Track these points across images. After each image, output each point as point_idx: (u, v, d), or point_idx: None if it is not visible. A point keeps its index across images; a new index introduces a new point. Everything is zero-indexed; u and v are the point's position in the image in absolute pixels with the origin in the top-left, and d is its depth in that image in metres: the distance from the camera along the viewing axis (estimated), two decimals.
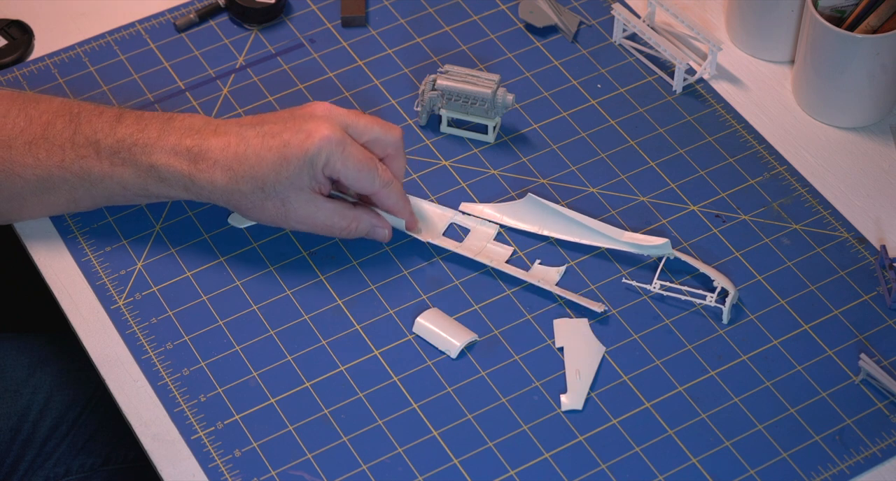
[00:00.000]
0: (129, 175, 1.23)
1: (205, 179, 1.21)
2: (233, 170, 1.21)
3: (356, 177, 1.22)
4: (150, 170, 1.22)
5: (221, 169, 1.21)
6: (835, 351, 1.22)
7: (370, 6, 1.47)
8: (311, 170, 1.21)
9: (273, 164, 1.20)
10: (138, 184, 1.23)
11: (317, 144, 1.20)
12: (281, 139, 1.20)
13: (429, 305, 1.25)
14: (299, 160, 1.20)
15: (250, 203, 1.22)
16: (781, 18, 1.39)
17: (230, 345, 1.23)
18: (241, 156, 1.21)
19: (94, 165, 1.23)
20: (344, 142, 1.21)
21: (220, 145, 1.21)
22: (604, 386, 1.21)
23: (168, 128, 1.23)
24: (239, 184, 1.21)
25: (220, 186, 1.21)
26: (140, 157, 1.22)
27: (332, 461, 1.17)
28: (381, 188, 1.24)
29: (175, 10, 1.46)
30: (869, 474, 1.16)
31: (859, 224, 1.30)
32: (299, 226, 1.24)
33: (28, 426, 1.38)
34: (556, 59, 1.43)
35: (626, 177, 1.34)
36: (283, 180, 1.21)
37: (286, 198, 1.22)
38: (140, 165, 1.22)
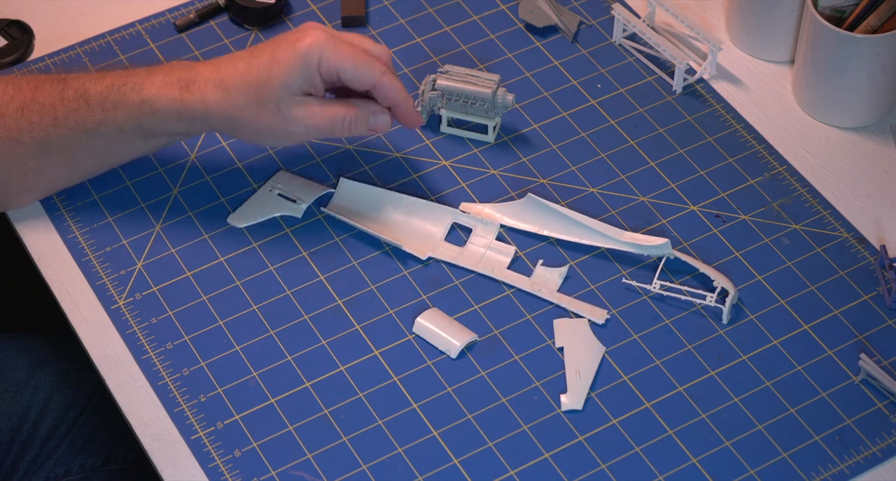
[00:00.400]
0: (122, 116, 1.23)
1: (196, 100, 1.21)
2: (224, 83, 1.20)
3: (354, 68, 1.21)
4: (141, 106, 1.22)
5: (213, 86, 1.21)
6: (835, 351, 1.22)
7: (370, 6, 1.47)
8: (304, 70, 1.20)
9: (264, 68, 1.20)
10: (132, 123, 1.23)
11: (307, 43, 1.20)
12: (271, 47, 1.21)
13: (429, 305, 1.25)
14: (290, 59, 1.20)
15: (245, 117, 1.21)
16: (781, 18, 1.39)
17: (230, 345, 1.23)
18: (231, 71, 1.21)
19: (87, 116, 1.23)
20: (334, 40, 1.21)
21: (210, 68, 1.22)
22: (604, 386, 1.21)
23: (154, 69, 1.24)
24: (232, 97, 1.20)
25: (213, 103, 1.21)
26: (130, 96, 1.22)
27: (332, 461, 1.17)
28: (382, 76, 1.23)
29: (175, 10, 1.46)
30: (869, 474, 1.16)
31: (859, 224, 1.30)
32: (300, 131, 1.23)
33: (28, 426, 1.38)
34: (556, 59, 1.43)
35: (626, 177, 1.34)
36: (275, 83, 1.20)
37: (280, 102, 1.21)
38: (131, 104, 1.22)
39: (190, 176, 1.34)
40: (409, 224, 1.30)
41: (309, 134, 1.24)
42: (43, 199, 1.32)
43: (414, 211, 1.31)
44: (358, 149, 1.35)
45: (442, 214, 1.30)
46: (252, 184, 1.33)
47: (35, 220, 1.31)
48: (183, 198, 1.32)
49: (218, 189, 1.33)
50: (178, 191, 1.32)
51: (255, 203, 1.31)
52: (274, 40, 1.23)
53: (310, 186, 1.32)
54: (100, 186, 1.33)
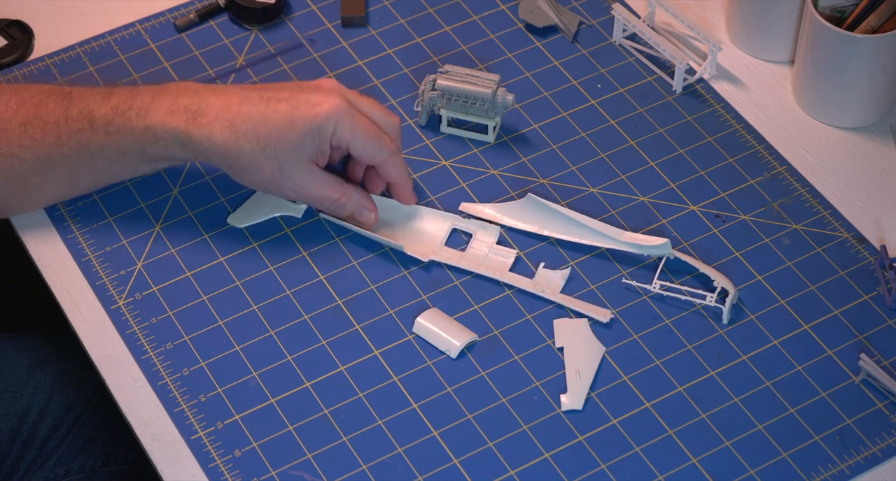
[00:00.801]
0: (126, 141, 1.23)
1: (202, 134, 1.21)
2: (235, 126, 1.20)
3: (364, 145, 1.23)
4: (145, 132, 1.22)
5: (222, 124, 1.21)
6: (835, 351, 1.22)
7: (370, 6, 1.47)
8: (317, 137, 1.21)
9: (279, 126, 1.20)
10: (135, 148, 1.23)
11: (326, 112, 1.21)
12: (289, 104, 1.21)
13: (429, 305, 1.25)
14: (307, 125, 1.20)
15: (247, 162, 1.21)
16: (781, 18, 1.39)
17: (230, 345, 1.23)
18: (244, 115, 1.20)
19: (91, 137, 1.23)
20: (352, 112, 1.22)
21: (222, 103, 1.21)
22: (604, 386, 1.21)
23: (161, 92, 1.23)
24: (240, 141, 1.20)
25: (219, 142, 1.21)
26: (135, 121, 1.22)
27: (332, 461, 1.17)
28: (389, 156, 1.25)
29: (175, 10, 1.46)
30: (869, 474, 1.16)
31: (859, 224, 1.30)
32: (291, 194, 1.24)
33: (28, 426, 1.38)
34: (556, 59, 1.43)
35: (626, 177, 1.34)
36: (286, 143, 1.21)
37: (285, 163, 1.21)
38: (135, 130, 1.22)
39: (190, 176, 1.34)
40: (409, 228, 1.30)
41: (297, 198, 1.25)
42: None
43: (413, 216, 1.30)
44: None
45: (442, 219, 1.30)
46: None
47: (35, 220, 1.31)
48: (183, 198, 1.32)
49: (218, 189, 1.33)
50: (178, 191, 1.32)
51: (255, 203, 1.31)
52: (292, 92, 1.22)
53: None
54: None
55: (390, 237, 1.29)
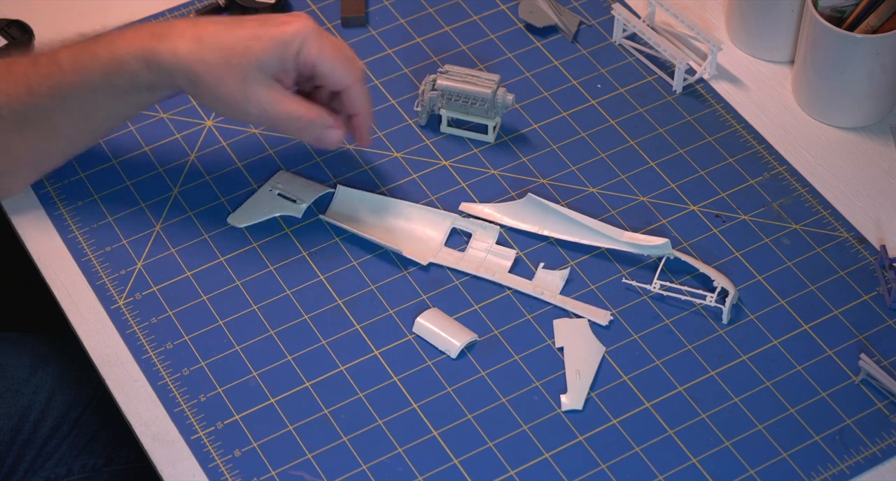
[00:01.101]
0: (95, 76, 1.21)
1: (167, 49, 1.19)
2: (200, 39, 1.19)
3: (332, 65, 1.21)
4: (112, 62, 1.20)
5: (188, 38, 1.19)
6: (835, 351, 1.22)
7: (370, 6, 1.47)
8: (282, 53, 1.19)
9: (244, 39, 1.19)
10: (103, 81, 1.22)
11: (294, 29, 1.19)
12: (257, 22, 1.20)
13: (429, 305, 1.25)
14: (272, 39, 1.19)
15: (210, 77, 1.19)
16: (781, 18, 1.39)
17: (230, 345, 1.23)
18: (210, 29, 1.19)
19: (60, 80, 1.22)
20: (320, 32, 1.21)
21: (188, 23, 1.20)
22: (604, 386, 1.21)
23: (127, 27, 1.22)
24: (204, 52, 1.19)
25: (184, 54, 1.19)
26: (101, 53, 1.20)
27: (332, 461, 1.17)
28: (357, 81, 1.23)
29: (175, 10, 1.46)
30: (869, 474, 1.16)
31: (859, 224, 1.30)
32: (255, 113, 1.21)
33: (29, 426, 1.38)
34: (556, 59, 1.43)
35: (626, 177, 1.34)
36: (251, 56, 1.19)
37: (248, 76, 1.19)
38: (102, 61, 1.20)
39: (190, 176, 1.34)
40: (408, 230, 1.30)
41: (261, 120, 1.22)
42: (43, 199, 1.32)
43: (413, 216, 1.30)
44: (358, 149, 1.36)
45: (441, 219, 1.30)
46: (252, 184, 1.33)
47: (35, 220, 1.31)
48: (183, 198, 1.32)
49: (218, 189, 1.33)
50: (178, 191, 1.32)
51: (255, 203, 1.31)
52: (261, 17, 1.22)
53: (310, 186, 1.32)
54: (100, 186, 1.33)
55: (389, 238, 1.29)
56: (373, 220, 1.31)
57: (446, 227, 1.30)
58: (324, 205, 1.32)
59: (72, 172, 1.34)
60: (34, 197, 1.32)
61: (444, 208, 1.31)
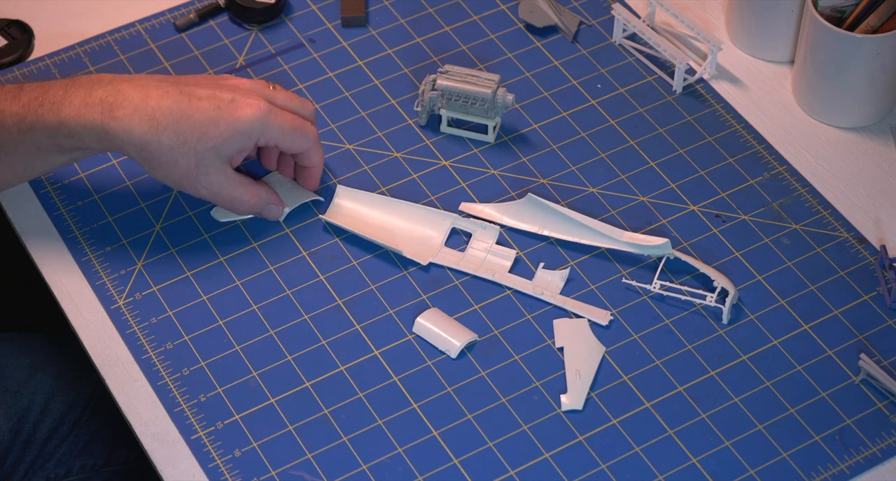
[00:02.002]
0: (40, 137, 1.21)
1: (120, 127, 1.19)
2: (155, 120, 1.19)
3: (293, 139, 1.24)
4: (59, 127, 1.20)
5: (141, 117, 1.19)
6: (835, 351, 1.22)
7: (370, 6, 1.47)
8: (242, 140, 1.21)
9: (201, 124, 1.20)
10: (49, 142, 1.22)
11: (251, 116, 1.21)
12: (210, 103, 1.20)
13: (429, 305, 1.25)
14: (230, 128, 1.20)
15: (165, 157, 1.20)
16: (781, 18, 1.39)
17: (230, 345, 1.23)
18: (164, 109, 1.19)
19: (4, 137, 1.22)
20: (275, 111, 1.23)
21: (139, 96, 1.20)
22: (604, 386, 1.21)
23: (73, 84, 1.21)
24: (160, 135, 1.19)
25: (138, 135, 1.19)
26: (48, 117, 1.20)
27: (332, 461, 1.17)
28: (313, 144, 1.26)
29: (175, 10, 1.46)
30: (869, 474, 1.16)
31: (859, 224, 1.30)
32: (203, 192, 1.24)
33: (29, 426, 1.38)
34: (556, 59, 1.43)
35: (626, 177, 1.34)
36: (207, 142, 1.20)
37: (202, 160, 1.21)
38: (49, 125, 1.20)
39: None
40: (408, 229, 1.30)
41: (207, 197, 1.25)
42: (43, 199, 1.32)
43: (412, 216, 1.30)
44: (358, 149, 1.36)
45: (441, 219, 1.30)
46: None
47: (35, 220, 1.31)
48: (183, 199, 1.32)
49: None
50: (178, 191, 1.32)
51: None
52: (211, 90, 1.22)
53: (298, 191, 1.31)
54: (100, 186, 1.33)
55: (389, 239, 1.29)
56: (373, 220, 1.31)
57: (446, 227, 1.30)
58: (321, 208, 1.31)
59: (72, 172, 1.34)
60: (34, 197, 1.32)
61: (444, 208, 1.31)
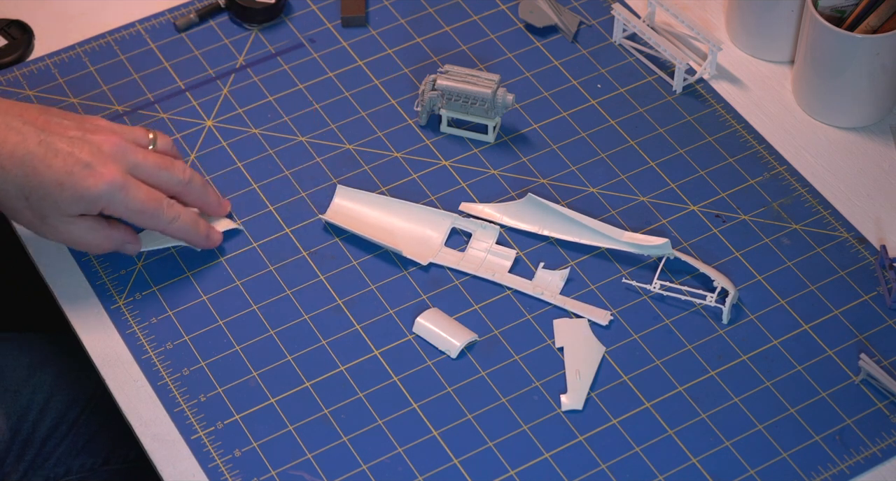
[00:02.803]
0: None
1: None
2: (4, 169, 1.17)
3: (140, 219, 1.21)
4: None
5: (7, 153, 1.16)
6: (835, 351, 1.22)
7: (370, 6, 1.47)
8: (87, 205, 1.19)
9: (47, 185, 1.17)
10: None
11: (98, 188, 1.17)
12: (65, 163, 1.17)
13: (429, 305, 1.25)
14: (75, 195, 1.17)
15: (9, 204, 1.19)
16: (781, 18, 1.39)
17: (230, 345, 1.23)
18: (17, 158, 1.16)
19: None
20: (127, 187, 1.19)
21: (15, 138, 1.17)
22: (604, 386, 1.21)
23: None
24: (6, 183, 1.17)
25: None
26: None
27: (332, 461, 1.17)
28: (168, 224, 1.22)
29: (175, 10, 1.46)
30: (869, 474, 1.16)
31: (859, 224, 1.30)
32: (54, 239, 1.22)
33: (28, 426, 1.38)
34: (556, 59, 1.43)
35: (626, 177, 1.34)
36: (50, 201, 1.18)
37: (46, 217, 1.19)
38: None
39: None
40: (408, 229, 1.30)
41: (65, 243, 1.23)
42: None
43: (412, 216, 1.30)
44: (358, 149, 1.36)
45: (441, 219, 1.30)
46: (252, 184, 1.33)
47: None
48: None
49: (218, 189, 1.33)
50: None
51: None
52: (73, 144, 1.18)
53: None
54: None
55: (389, 239, 1.29)
56: (373, 220, 1.30)
57: (446, 227, 1.30)
58: (321, 208, 1.31)
59: None
60: None
61: (444, 208, 1.31)
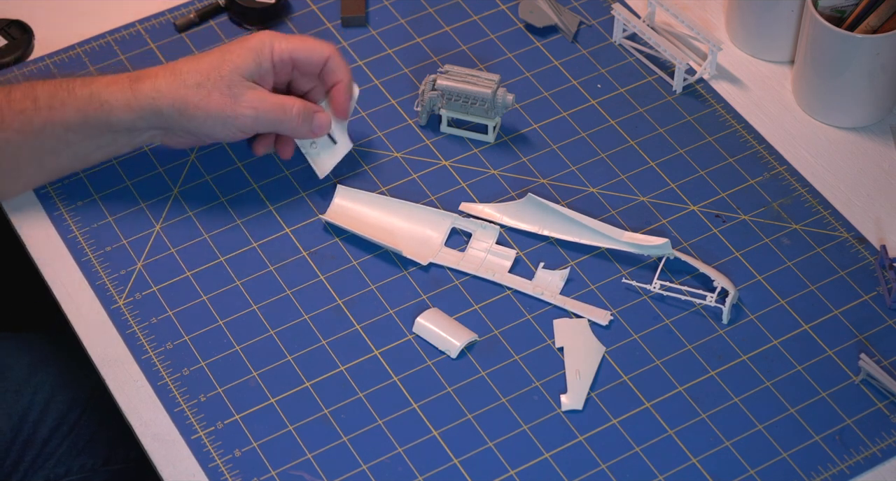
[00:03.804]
0: (70, 112, 1.24)
1: (147, 86, 1.24)
2: (176, 70, 1.25)
3: (306, 46, 1.27)
4: (90, 98, 1.24)
5: (164, 74, 1.25)
6: (835, 351, 1.22)
7: (370, 6, 1.47)
8: (257, 58, 1.25)
9: (216, 58, 1.25)
10: (79, 119, 1.24)
11: (257, 38, 1.26)
12: (218, 49, 1.26)
13: (429, 305, 1.25)
14: (243, 49, 1.25)
15: (196, 97, 1.24)
16: (781, 18, 1.39)
17: (230, 345, 1.23)
18: (181, 62, 1.25)
19: (34, 115, 1.24)
20: (279, 33, 1.27)
21: (159, 66, 1.26)
22: (604, 386, 1.21)
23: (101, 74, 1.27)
24: (183, 78, 1.24)
25: (164, 86, 1.24)
26: (79, 90, 1.24)
27: (332, 461, 1.17)
28: (334, 50, 1.28)
29: (175, 10, 1.46)
30: (869, 474, 1.16)
31: (859, 224, 1.30)
32: (248, 114, 1.25)
33: (29, 426, 1.38)
34: (556, 59, 1.43)
35: (626, 177, 1.34)
36: (227, 66, 1.24)
37: (231, 83, 1.24)
38: (79, 97, 1.24)
39: (190, 176, 1.34)
40: (408, 229, 1.30)
41: (258, 121, 1.26)
42: (42, 199, 1.32)
43: (412, 216, 1.30)
44: (358, 149, 1.36)
45: (441, 219, 1.30)
46: (252, 184, 1.33)
47: (35, 220, 1.31)
48: (183, 198, 1.32)
49: (218, 189, 1.33)
50: (178, 191, 1.33)
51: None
52: (223, 46, 1.28)
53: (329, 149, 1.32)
54: (100, 186, 1.33)
55: (389, 239, 1.29)
56: (373, 220, 1.31)
57: (446, 227, 1.30)
58: (321, 208, 1.31)
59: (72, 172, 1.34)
60: (34, 197, 1.32)
61: (444, 208, 1.31)
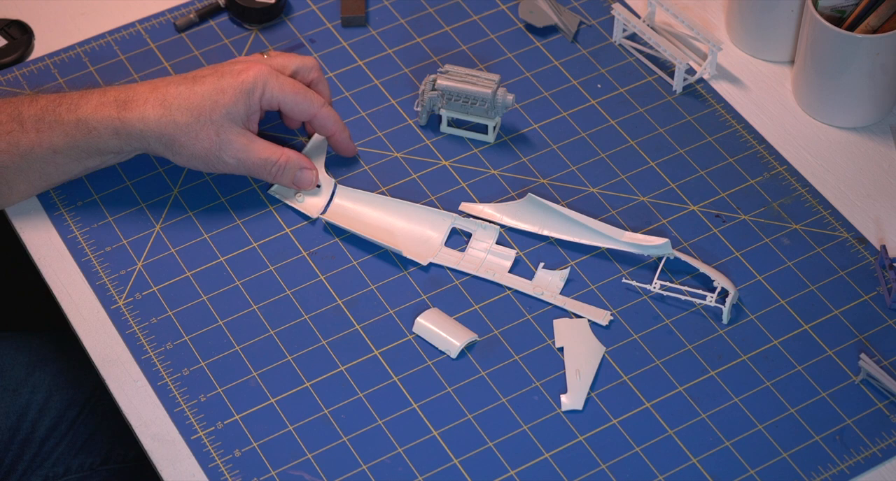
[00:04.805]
0: (57, 137, 1.24)
1: (135, 117, 1.23)
2: (166, 102, 1.23)
3: (295, 101, 1.27)
4: (77, 124, 1.24)
5: (153, 104, 1.24)
6: (835, 351, 1.22)
7: (370, 6, 1.47)
8: (248, 100, 1.25)
9: (209, 95, 1.24)
10: (67, 143, 1.24)
11: (252, 76, 1.25)
12: (214, 76, 1.25)
13: (429, 305, 1.25)
14: (236, 90, 1.24)
15: (184, 136, 1.24)
16: (781, 18, 1.39)
17: (230, 345, 1.23)
18: (172, 92, 1.24)
19: (21, 137, 1.24)
20: (275, 73, 1.27)
21: (148, 88, 1.25)
22: (604, 387, 1.21)
23: (88, 91, 1.26)
24: (173, 114, 1.23)
25: (153, 120, 1.23)
26: (66, 115, 1.24)
27: (332, 461, 1.17)
28: (321, 108, 1.28)
29: (175, 10, 1.46)
30: (869, 474, 1.16)
31: (859, 224, 1.30)
32: (231, 161, 1.26)
33: (27, 425, 1.38)
34: (556, 59, 1.43)
35: (626, 177, 1.34)
36: (219, 109, 1.24)
37: (220, 127, 1.24)
38: (67, 123, 1.24)
39: (190, 176, 1.34)
40: (408, 229, 1.30)
41: (238, 167, 1.27)
42: (42, 199, 1.32)
43: (412, 216, 1.30)
44: (358, 149, 1.35)
45: (441, 219, 1.30)
46: (252, 184, 1.33)
47: (35, 220, 1.31)
48: (183, 198, 1.32)
49: (218, 189, 1.33)
50: (178, 191, 1.33)
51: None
52: (216, 69, 1.27)
53: None
54: (100, 186, 1.33)
55: (389, 239, 1.29)
56: (373, 220, 1.31)
57: (446, 227, 1.30)
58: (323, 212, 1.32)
59: None
60: (34, 197, 1.32)
61: (444, 208, 1.31)
